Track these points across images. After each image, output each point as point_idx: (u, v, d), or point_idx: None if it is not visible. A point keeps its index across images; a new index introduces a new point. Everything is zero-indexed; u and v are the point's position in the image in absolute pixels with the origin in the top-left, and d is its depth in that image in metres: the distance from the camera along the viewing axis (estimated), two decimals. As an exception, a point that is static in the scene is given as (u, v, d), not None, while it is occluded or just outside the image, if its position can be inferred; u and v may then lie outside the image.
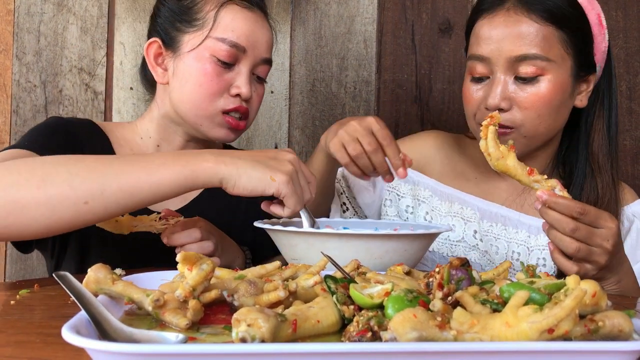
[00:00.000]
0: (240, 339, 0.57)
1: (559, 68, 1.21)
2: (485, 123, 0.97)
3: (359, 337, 0.61)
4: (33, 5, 1.80)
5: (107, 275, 0.74)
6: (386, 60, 1.86)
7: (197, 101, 1.24)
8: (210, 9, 1.25)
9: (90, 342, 0.54)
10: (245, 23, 1.26)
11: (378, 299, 0.66)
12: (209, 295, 0.72)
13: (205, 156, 0.98)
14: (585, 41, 1.25)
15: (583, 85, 1.28)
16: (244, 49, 1.25)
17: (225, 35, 1.24)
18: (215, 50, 1.23)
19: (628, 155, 1.83)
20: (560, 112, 1.25)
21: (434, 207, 1.39)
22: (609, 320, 0.62)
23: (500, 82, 1.21)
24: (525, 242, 1.33)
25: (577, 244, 0.97)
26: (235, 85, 1.25)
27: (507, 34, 1.20)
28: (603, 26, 1.27)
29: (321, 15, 1.86)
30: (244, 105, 1.26)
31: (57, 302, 0.85)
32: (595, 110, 1.31)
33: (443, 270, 0.69)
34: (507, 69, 1.21)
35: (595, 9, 1.26)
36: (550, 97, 1.21)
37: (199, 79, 1.23)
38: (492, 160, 0.97)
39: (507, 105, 1.21)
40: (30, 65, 1.79)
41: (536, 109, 1.21)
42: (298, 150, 1.86)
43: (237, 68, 1.25)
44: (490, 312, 0.62)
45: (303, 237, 1.01)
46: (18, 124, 1.79)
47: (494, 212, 1.36)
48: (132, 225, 1.09)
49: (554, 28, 1.20)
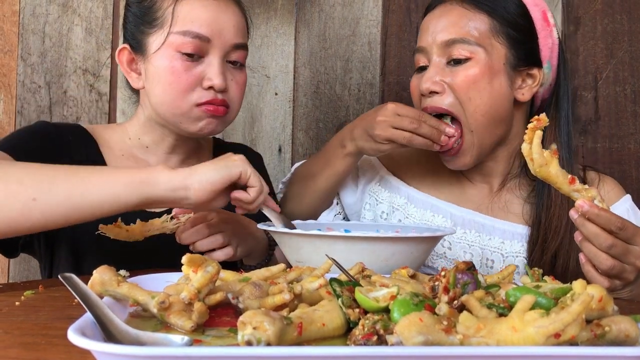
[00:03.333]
0: (245, 341, 0.57)
1: (489, 54, 1.25)
2: (531, 126, 0.91)
3: (364, 341, 0.60)
4: (38, 7, 1.80)
5: (113, 277, 0.74)
6: (390, 62, 1.86)
7: (171, 100, 1.23)
8: (168, 4, 1.23)
9: (96, 344, 0.54)
10: (206, 11, 1.22)
11: (384, 303, 0.66)
12: (214, 297, 0.72)
13: (163, 166, 0.99)
14: (525, 35, 1.28)
15: (527, 79, 1.30)
16: (208, 39, 1.21)
17: (185, 28, 1.21)
18: (179, 46, 1.20)
19: (633, 159, 1.83)
20: (494, 97, 1.26)
21: (408, 215, 1.40)
22: (616, 325, 0.62)
23: (433, 67, 1.28)
24: (499, 249, 1.33)
25: (612, 261, 0.94)
26: (207, 77, 1.21)
27: (441, 22, 1.28)
28: (549, 23, 1.30)
29: (325, 18, 1.86)
30: (219, 97, 1.23)
31: (62, 303, 0.85)
32: (551, 110, 1.33)
33: (449, 274, 0.69)
34: (440, 55, 1.27)
35: (539, 6, 1.30)
36: (477, 79, 1.25)
37: (168, 77, 1.21)
38: (534, 166, 0.91)
39: (439, 88, 1.26)
40: (35, 66, 1.80)
41: (465, 90, 1.25)
42: (302, 153, 1.86)
43: (207, 59, 1.22)
44: (496, 316, 0.62)
45: (308, 240, 1.00)
46: (23, 124, 1.79)
47: (467, 218, 1.36)
48: (145, 230, 1.09)
49: (486, 16, 1.26)
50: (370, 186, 1.46)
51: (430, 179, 1.44)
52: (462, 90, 1.25)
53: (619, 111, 1.83)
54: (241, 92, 1.29)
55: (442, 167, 1.44)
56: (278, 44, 1.86)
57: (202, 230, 1.10)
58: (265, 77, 1.86)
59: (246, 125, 1.86)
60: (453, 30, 1.26)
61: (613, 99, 1.83)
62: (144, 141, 1.32)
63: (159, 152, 1.32)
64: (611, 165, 1.82)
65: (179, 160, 1.34)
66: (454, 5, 1.29)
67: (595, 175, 1.37)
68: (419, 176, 1.45)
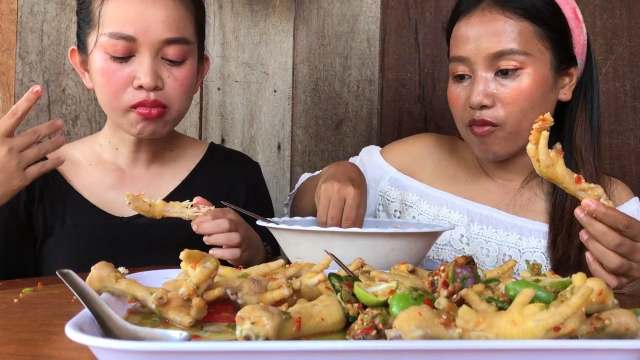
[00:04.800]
0: (244, 336, 0.57)
1: (538, 61, 1.24)
2: (537, 127, 0.90)
3: (363, 335, 0.60)
4: (36, 5, 1.80)
5: (111, 273, 0.73)
6: (389, 59, 1.85)
7: (107, 101, 1.22)
8: (97, 4, 1.21)
9: (94, 340, 0.54)
10: (130, 9, 1.19)
11: (383, 297, 0.66)
12: (212, 293, 0.72)
13: None
14: (562, 34, 1.27)
15: (566, 78, 1.30)
16: (133, 38, 1.18)
17: (110, 29, 1.18)
18: (106, 47, 1.19)
19: (632, 154, 1.83)
20: (543, 105, 1.26)
21: (422, 211, 1.40)
22: (616, 319, 0.61)
23: (482, 80, 1.24)
24: (517, 245, 1.33)
25: (620, 259, 0.93)
26: (137, 76, 1.19)
27: (484, 32, 1.24)
28: (579, 20, 1.30)
29: (324, 14, 1.86)
30: (152, 96, 1.19)
31: (60, 300, 0.85)
32: (579, 103, 1.32)
33: (448, 268, 0.69)
34: (487, 67, 1.24)
35: (569, 3, 1.29)
36: (532, 91, 1.23)
37: (100, 79, 1.21)
38: (540, 166, 0.90)
39: (490, 102, 1.23)
40: (34, 65, 1.79)
41: (518, 103, 1.23)
42: (301, 150, 1.86)
43: (137, 58, 1.20)
44: (495, 310, 0.62)
45: (308, 236, 1.00)
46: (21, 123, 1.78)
47: (485, 214, 1.35)
48: (165, 210, 1.08)
49: (528, 23, 1.23)
50: (380, 187, 1.45)
51: (445, 175, 1.43)
52: (515, 104, 1.23)
53: (618, 107, 1.82)
54: (183, 89, 1.24)
55: (458, 163, 1.43)
56: (277, 41, 1.85)
57: (223, 225, 1.10)
58: (264, 74, 1.85)
59: (245, 122, 1.85)
60: (499, 41, 1.22)
61: (613, 95, 1.82)
62: (114, 143, 1.33)
63: (126, 152, 1.32)
64: (611, 161, 1.82)
65: (147, 159, 1.34)
66: (494, 14, 1.24)
67: (607, 178, 1.37)
68: (433, 173, 1.44)
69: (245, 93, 1.85)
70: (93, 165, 1.32)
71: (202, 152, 1.42)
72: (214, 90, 1.84)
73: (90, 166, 1.32)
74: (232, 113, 1.85)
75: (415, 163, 1.46)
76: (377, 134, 1.85)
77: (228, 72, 1.85)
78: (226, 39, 1.84)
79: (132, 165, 1.33)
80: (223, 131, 1.83)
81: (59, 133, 1.28)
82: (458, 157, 1.44)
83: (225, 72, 1.85)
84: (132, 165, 1.33)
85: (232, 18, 1.85)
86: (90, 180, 1.30)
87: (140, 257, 1.16)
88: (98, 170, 1.32)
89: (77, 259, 1.23)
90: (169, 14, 1.21)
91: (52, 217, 1.25)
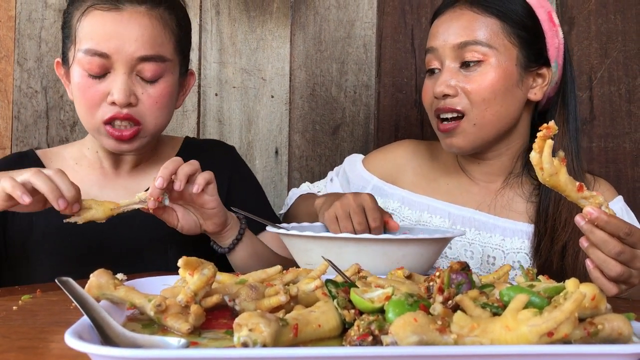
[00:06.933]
0: (241, 343, 0.58)
1: (502, 55, 1.28)
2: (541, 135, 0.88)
3: (359, 341, 0.61)
4: (34, 12, 1.80)
5: (110, 280, 0.74)
6: (386, 64, 1.86)
7: (83, 115, 1.25)
8: (76, 20, 1.22)
9: (93, 348, 0.54)
10: (104, 27, 1.19)
11: (379, 303, 0.66)
12: (210, 300, 0.73)
13: None
14: (533, 35, 1.31)
15: (538, 79, 1.33)
16: (108, 55, 1.19)
17: (86, 45, 1.20)
18: (82, 63, 1.20)
19: (628, 158, 1.84)
20: (508, 99, 1.29)
21: (404, 218, 1.41)
22: (609, 323, 0.62)
23: (447, 70, 1.30)
24: (500, 246, 1.34)
25: (621, 267, 0.93)
26: (111, 93, 1.20)
27: (452, 25, 1.31)
28: (554, 23, 1.34)
29: (321, 20, 1.87)
30: (124, 111, 1.20)
31: (59, 307, 0.85)
32: (557, 107, 1.36)
33: (443, 274, 0.70)
34: (453, 58, 1.30)
35: (544, 7, 1.34)
36: (493, 82, 1.27)
37: (77, 93, 1.23)
38: (544, 175, 0.88)
39: (453, 92, 1.29)
40: (32, 71, 1.80)
41: (480, 93, 1.27)
42: (298, 155, 1.87)
43: (112, 75, 1.20)
44: (490, 315, 0.62)
45: (319, 242, 1.00)
46: (19, 129, 1.79)
47: (467, 217, 1.37)
48: (111, 208, 1.07)
49: (496, 19, 1.29)
50: None
51: (426, 180, 1.45)
52: (477, 95, 1.28)
53: (613, 111, 1.83)
54: (158, 106, 1.24)
55: (438, 167, 1.45)
56: (274, 46, 1.86)
57: (194, 163, 1.12)
58: (261, 79, 1.86)
59: (243, 128, 1.86)
60: (464, 33, 1.29)
61: (608, 99, 1.83)
62: (95, 147, 1.36)
63: (111, 154, 1.34)
64: (606, 165, 1.83)
65: (132, 160, 1.35)
66: (464, 10, 1.32)
67: (591, 177, 1.39)
68: (414, 178, 1.46)
69: (243, 98, 1.86)
70: (79, 164, 1.36)
71: (178, 147, 1.44)
72: (212, 95, 1.85)
73: (76, 165, 1.36)
74: (230, 118, 1.86)
75: (396, 170, 1.48)
76: (374, 138, 1.86)
77: (225, 77, 1.85)
78: (223, 45, 1.85)
79: (115, 165, 1.36)
80: (221, 137, 1.84)
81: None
82: (438, 161, 1.47)
83: (222, 77, 1.85)
84: (115, 165, 1.36)
85: (229, 24, 1.85)
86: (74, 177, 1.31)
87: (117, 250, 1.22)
88: (83, 168, 1.36)
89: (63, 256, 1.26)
90: (144, 32, 1.21)
91: (35, 215, 1.25)
